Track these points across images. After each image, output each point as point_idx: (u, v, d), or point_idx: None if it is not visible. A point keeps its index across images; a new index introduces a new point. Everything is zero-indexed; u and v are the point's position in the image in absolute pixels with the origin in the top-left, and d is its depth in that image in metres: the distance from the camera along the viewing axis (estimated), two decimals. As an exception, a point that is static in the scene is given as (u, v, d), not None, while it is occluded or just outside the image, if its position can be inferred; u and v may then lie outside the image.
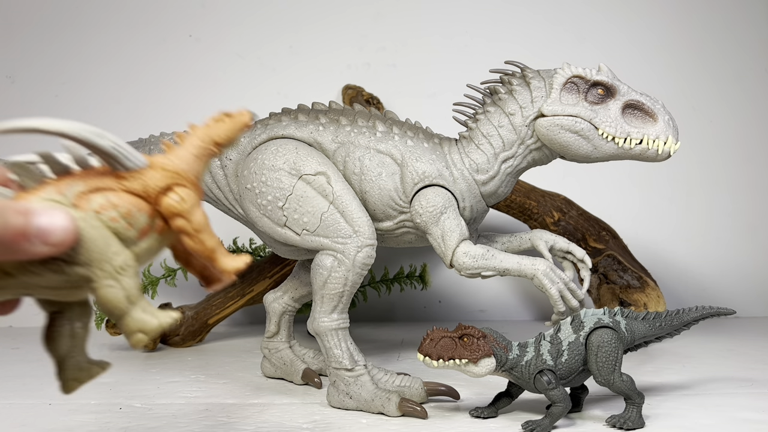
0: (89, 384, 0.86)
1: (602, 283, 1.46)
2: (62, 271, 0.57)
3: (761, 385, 1.08)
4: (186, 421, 0.92)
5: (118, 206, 0.59)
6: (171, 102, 1.78)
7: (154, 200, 0.60)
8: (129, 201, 0.59)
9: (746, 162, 1.81)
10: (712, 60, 1.82)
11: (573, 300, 0.98)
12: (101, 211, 0.58)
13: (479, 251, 0.99)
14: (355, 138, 1.03)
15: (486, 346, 0.86)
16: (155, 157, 0.62)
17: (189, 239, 0.62)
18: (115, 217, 0.59)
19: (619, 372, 0.88)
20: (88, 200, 0.58)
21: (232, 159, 1.06)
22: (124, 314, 0.59)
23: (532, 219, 1.53)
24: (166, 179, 0.61)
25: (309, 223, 0.98)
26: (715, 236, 1.80)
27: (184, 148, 0.64)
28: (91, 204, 0.58)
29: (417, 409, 0.93)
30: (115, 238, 0.58)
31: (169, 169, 0.62)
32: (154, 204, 0.61)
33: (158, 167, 0.61)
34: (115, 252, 0.58)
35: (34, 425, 0.91)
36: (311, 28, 1.80)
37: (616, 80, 0.99)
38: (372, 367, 0.99)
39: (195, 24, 1.80)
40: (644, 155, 0.99)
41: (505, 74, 1.04)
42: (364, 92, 1.72)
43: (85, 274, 0.57)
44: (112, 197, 0.59)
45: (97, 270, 0.57)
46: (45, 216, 0.55)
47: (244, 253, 0.66)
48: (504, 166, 1.03)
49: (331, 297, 0.97)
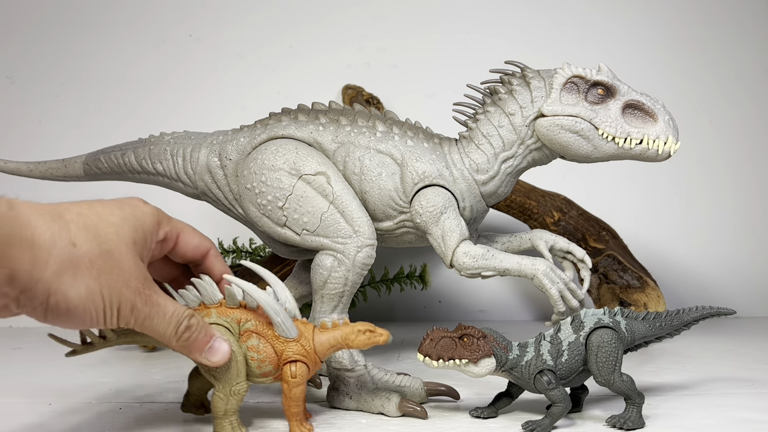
0: (89, 384, 0.88)
1: (602, 283, 1.46)
2: (200, 366, 0.83)
3: (761, 385, 1.08)
4: (186, 421, 0.92)
5: (260, 352, 0.83)
6: (171, 102, 1.78)
7: (282, 361, 0.83)
8: (268, 352, 0.83)
9: (746, 162, 1.81)
10: (712, 60, 1.82)
11: (573, 300, 0.98)
12: (250, 350, 0.83)
13: (479, 251, 0.99)
14: (355, 138, 1.03)
15: (486, 346, 0.86)
16: (304, 329, 0.85)
17: (284, 399, 0.84)
18: (255, 358, 0.83)
19: (619, 372, 0.88)
20: (249, 337, 0.83)
21: (232, 159, 1.06)
22: (216, 418, 0.83)
23: (532, 219, 1.53)
24: (297, 354, 0.83)
25: (309, 223, 0.98)
26: (715, 236, 1.81)
27: (327, 336, 0.85)
28: (249, 341, 0.83)
29: (417, 409, 0.93)
30: (244, 371, 0.83)
31: (304, 348, 0.84)
32: (281, 362, 0.83)
33: (299, 342, 0.84)
34: (239, 381, 0.82)
35: (34, 425, 0.91)
36: (311, 28, 1.80)
37: (616, 80, 0.99)
38: (372, 367, 0.99)
39: (195, 24, 1.80)
40: (644, 155, 0.98)
41: (505, 74, 1.04)
42: (364, 92, 1.72)
43: (210, 380, 0.83)
44: (262, 345, 0.83)
45: (220, 384, 0.82)
46: (218, 342, 0.81)
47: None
48: (504, 166, 1.03)
49: (331, 297, 0.97)
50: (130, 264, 0.74)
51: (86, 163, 1.18)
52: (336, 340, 0.85)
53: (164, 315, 0.77)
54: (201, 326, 0.80)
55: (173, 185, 1.12)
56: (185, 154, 1.09)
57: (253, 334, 0.83)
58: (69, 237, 0.69)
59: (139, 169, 1.13)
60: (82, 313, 0.70)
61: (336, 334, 0.85)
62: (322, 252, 0.98)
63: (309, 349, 0.84)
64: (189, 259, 0.88)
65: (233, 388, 0.82)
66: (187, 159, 1.09)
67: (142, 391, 1.08)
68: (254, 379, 0.84)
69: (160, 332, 0.77)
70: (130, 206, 0.79)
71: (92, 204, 0.76)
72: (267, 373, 0.84)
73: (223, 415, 0.82)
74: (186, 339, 0.79)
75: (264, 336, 0.83)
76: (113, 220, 0.75)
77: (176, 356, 1.34)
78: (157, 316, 0.76)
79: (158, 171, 1.11)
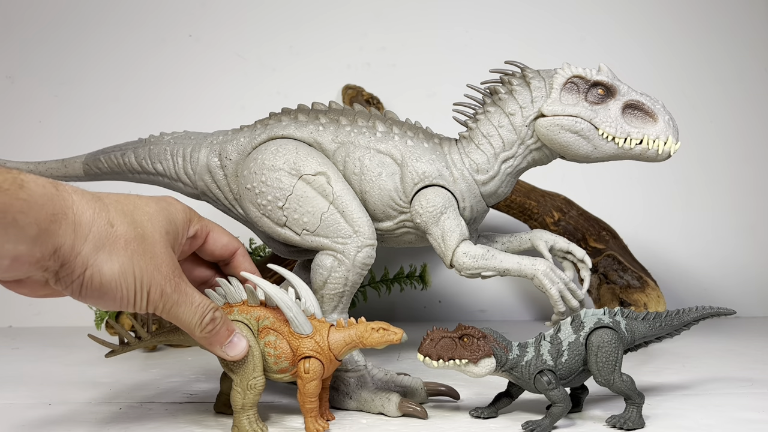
0: (89, 384, 0.89)
1: (602, 283, 1.46)
2: (219, 360, 0.86)
3: (761, 385, 1.08)
4: (186, 421, 0.92)
5: (277, 348, 0.86)
6: (171, 102, 1.78)
7: (298, 357, 0.85)
8: (284, 348, 0.86)
9: (746, 162, 1.81)
10: (712, 59, 1.82)
11: (573, 300, 0.98)
12: (267, 346, 0.86)
13: (479, 251, 0.99)
14: (355, 138, 1.03)
15: (486, 346, 0.86)
16: (320, 327, 0.87)
17: (299, 394, 0.86)
18: (272, 354, 0.86)
19: (619, 372, 0.88)
20: (267, 334, 0.86)
21: (232, 159, 1.05)
22: (235, 413, 0.85)
23: (532, 219, 1.53)
24: (312, 351, 0.85)
25: (309, 223, 0.98)
26: (716, 236, 1.80)
27: (342, 334, 0.86)
28: (266, 337, 0.86)
29: (417, 409, 0.93)
30: (261, 366, 0.85)
31: (319, 345, 0.85)
32: (297, 358, 0.86)
33: (314, 339, 0.85)
34: (255, 376, 0.85)
35: (34, 425, 0.91)
36: (311, 28, 1.80)
37: (616, 80, 0.99)
38: (372, 367, 0.99)
39: (195, 24, 1.80)
40: (644, 155, 0.98)
41: (505, 74, 1.04)
42: (364, 92, 1.72)
43: (229, 374, 0.86)
44: (279, 341, 0.86)
45: (238, 378, 0.85)
46: (238, 338, 0.84)
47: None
48: (504, 166, 1.03)
49: (332, 297, 0.97)
50: (162, 251, 0.78)
51: (86, 163, 1.18)
52: (351, 338, 0.86)
53: (191, 304, 0.81)
54: (223, 320, 0.84)
55: (173, 185, 1.12)
56: (185, 154, 1.09)
57: (270, 331, 0.86)
58: (107, 217, 0.74)
59: (139, 169, 1.13)
60: (114, 290, 0.73)
61: (351, 332, 0.87)
62: (322, 252, 0.98)
63: (323, 346, 0.86)
64: (218, 257, 0.92)
65: (250, 382, 0.84)
66: (187, 159, 1.09)
67: (142, 391, 1.08)
68: (272, 376, 0.87)
69: (186, 321, 0.81)
70: (164, 201, 0.84)
71: (129, 195, 0.81)
72: (284, 369, 0.86)
73: (241, 409, 0.85)
74: (209, 331, 0.82)
75: (281, 333, 0.86)
76: (148, 210, 0.79)
77: (176, 356, 1.34)
78: (185, 305, 0.80)
79: (158, 171, 1.11)
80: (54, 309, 1.72)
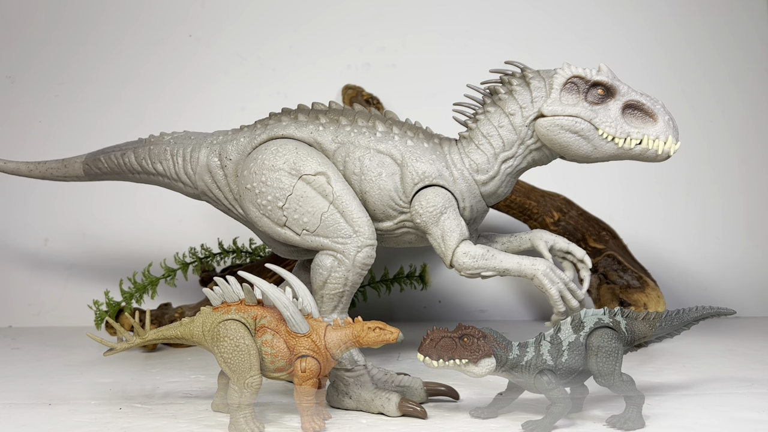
0: (89, 384, 0.89)
1: (602, 283, 1.46)
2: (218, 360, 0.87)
3: (761, 385, 1.08)
4: (186, 421, 0.92)
5: (273, 347, 0.86)
6: (171, 102, 1.78)
7: (295, 356, 0.86)
8: (281, 347, 0.86)
9: (746, 162, 1.81)
10: (712, 60, 1.82)
11: (573, 300, 0.98)
12: (264, 345, 0.86)
13: (479, 251, 0.99)
14: (355, 138, 1.03)
15: (486, 346, 0.86)
16: (316, 326, 0.87)
17: (295, 393, 0.87)
18: (269, 353, 0.86)
19: (620, 372, 0.88)
20: (264, 332, 0.87)
21: (231, 159, 1.06)
22: (232, 411, 0.85)
23: (532, 219, 1.53)
24: (308, 350, 0.86)
25: (309, 223, 0.98)
26: (715, 236, 1.80)
27: (338, 333, 0.87)
28: (263, 336, 0.86)
29: (417, 409, 0.93)
30: (258, 364, 0.86)
31: (315, 344, 0.86)
32: (294, 357, 0.86)
33: (310, 338, 0.86)
34: (252, 374, 0.85)
35: (34, 425, 0.91)
36: (311, 28, 1.80)
37: (616, 80, 0.99)
38: (372, 367, 0.99)
39: (195, 24, 1.80)
40: (644, 155, 0.98)
41: (505, 74, 1.04)
42: (364, 92, 1.72)
43: (227, 372, 0.86)
44: (275, 340, 0.86)
45: (234, 376, 0.86)
46: None
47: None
48: (504, 167, 1.03)
49: (331, 297, 0.97)
50: None
51: (86, 163, 1.18)
52: (347, 337, 0.87)
53: None
54: None
55: (173, 185, 1.12)
56: (185, 154, 1.09)
57: (267, 330, 0.87)
58: None
59: (139, 169, 1.13)
60: None
61: (347, 331, 0.87)
62: (322, 252, 0.98)
63: (320, 345, 0.87)
64: None
65: (247, 381, 0.85)
66: (187, 159, 1.09)
67: (142, 391, 1.08)
68: (269, 375, 0.88)
69: None
70: None
71: None
72: (280, 368, 0.87)
73: (238, 407, 0.85)
74: None
75: (278, 332, 0.87)
76: None
77: (176, 356, 1.34)
78: None
79: (158, 171, 1.11)
80: (54, 309, 1.72)
